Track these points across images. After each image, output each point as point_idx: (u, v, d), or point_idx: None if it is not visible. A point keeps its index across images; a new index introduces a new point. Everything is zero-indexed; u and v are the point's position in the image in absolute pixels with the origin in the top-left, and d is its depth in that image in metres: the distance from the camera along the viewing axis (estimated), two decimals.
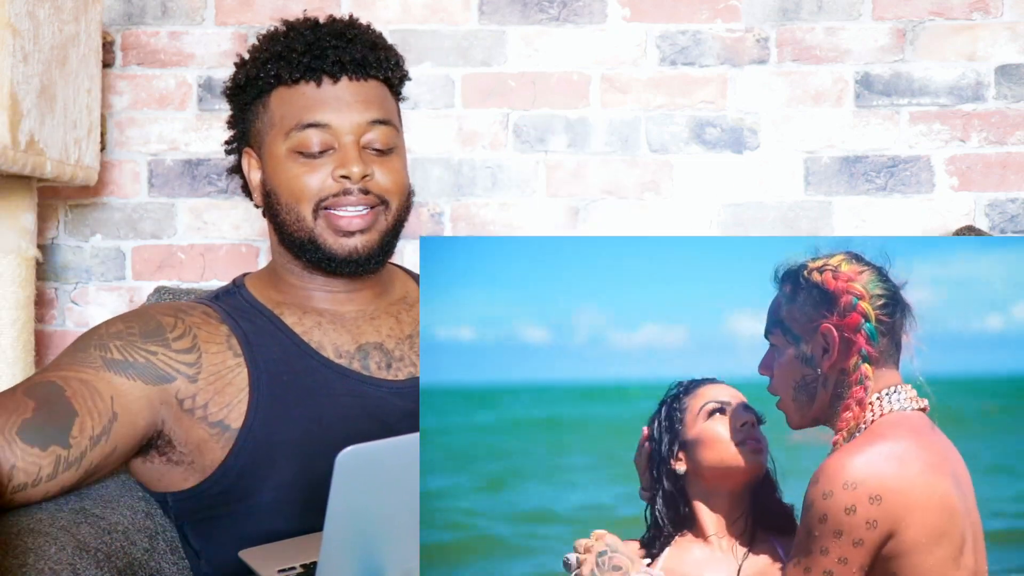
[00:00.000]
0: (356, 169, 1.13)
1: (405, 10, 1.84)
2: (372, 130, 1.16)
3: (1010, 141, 1.84)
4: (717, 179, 1.84)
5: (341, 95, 1.15)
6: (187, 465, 1.11)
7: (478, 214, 1.85)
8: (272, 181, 1.18)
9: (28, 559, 0.88)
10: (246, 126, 1.22)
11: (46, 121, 1.41)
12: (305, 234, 1.15)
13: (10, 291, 1.47)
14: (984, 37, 1.84)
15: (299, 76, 1.15)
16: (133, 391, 1.05)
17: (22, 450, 0.95)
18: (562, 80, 1.84)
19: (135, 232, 1.84)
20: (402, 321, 1.23)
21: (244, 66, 1.20)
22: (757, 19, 1.84)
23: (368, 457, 0.72)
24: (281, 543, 1.02)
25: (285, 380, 1.12)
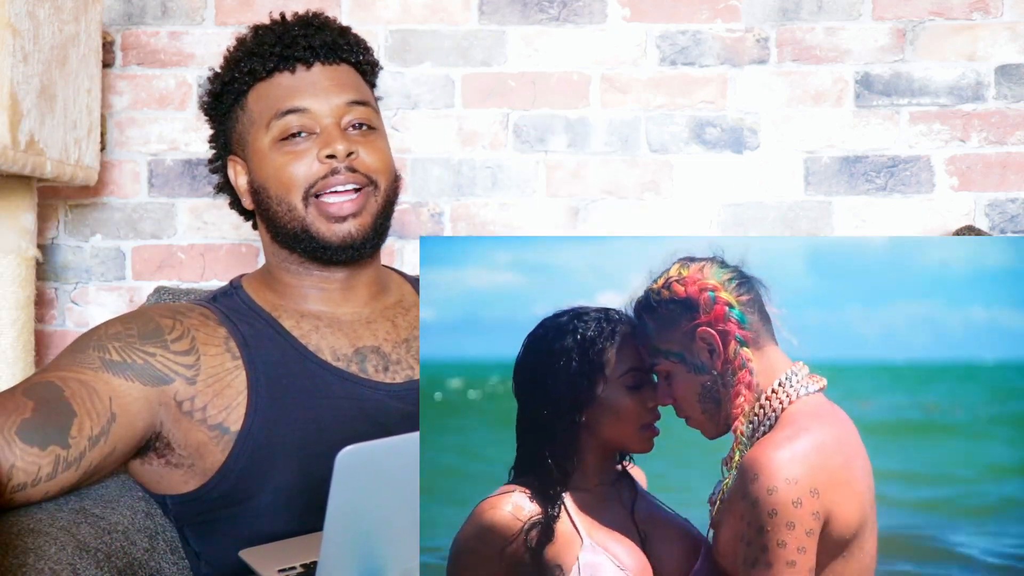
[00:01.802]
0: (340, 147, 1.14)
1: (405, 10, 1.84)
2: (351, 111, 1.17)
3: (1010, 141, 1.84)
4: (717, 179, 1.84)
5: (316, 80, 1.17)
6: (187, 468, 1.11)
7: (478, 214, 1.85)
8: (259, 176, 1.18)
9: (28, 559, 0.88)
10: (227, 135, 1.23)
11: (46, 121, 1.41)
12: (298, 223, 1.16)
13: (10, 291, 1.47)
14: (984, 37, 1.84)
15: (272, 67, 1.17)
16: (131, 392, 1.05)
17: (21, 450, 0.95)
18: (562, 80, 1.84)
19: (135, 232, 1.84)
20: (398, 325, 1.23)
21: (218, 76, 1.22)
22: (757, 19, 1.84)
23: (368, 456, 0.72)
24: (281, 543, 1.02)
25: (284, 383, 1.12)
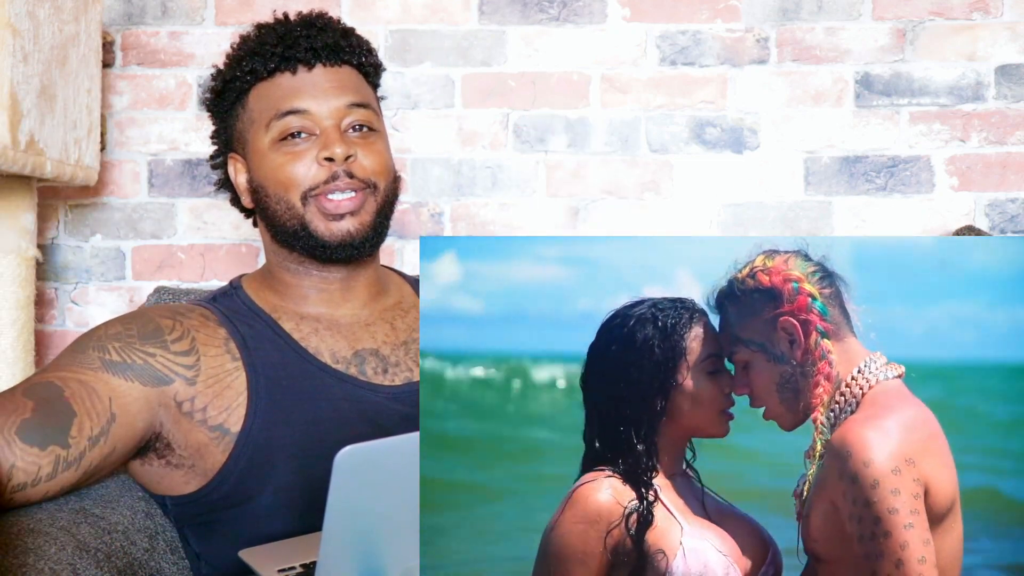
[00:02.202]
0: (339, 150, 1.13)
1: (405, 10, 1.84)
2: (351, 113, 1.17)
3: (1010, 141, 1.84)
4: (717, 179, 1.84)
5: (317, 81, 1.17)
6: (187, 469, 1.11)
7: (478, 214, 1.85)
8: (259, 175, 1.18)
9: (28, 559, 0.88)
10: (228, 133, 1.23)
11: (46, 121, 1.41)
12: (296, 221, 1.16)
13: (10, 291, 1.47)
14: (984, 37, 1.84)
15: (274, 67, 1.17)
16: (131, 392, 1.05)
17: (21, 450, 0.95)
18: (562, 80, 1.84)
19: (135, 232, 1.84)
20: (397, 328, 1.23)
21: (220, 74, 1.22)
22: (757, 19, 1.84)
23: (367, 456, 0.72)
24: (281, 543, 1.02)
25: (283, 384, 1.12)
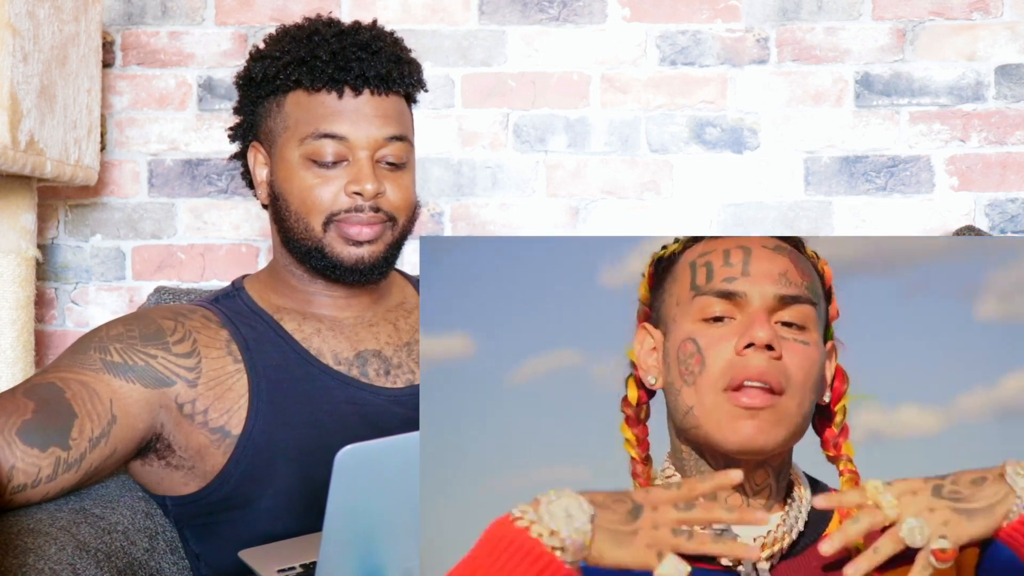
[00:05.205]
0: (370, 187, 1.12)
1: (405, 10, 1.84)
2: (388, 146, 1.15)
3: (1010, 141, 1.84)
4: (717, 179, 1.84)
5: (361, 108, 1.14)
6: (187, 470, 1.11)
7: (478, 214, 1.85)
8: (282, 186, 1.16)
9: (28, 559, 0.88)
10: (256, 119, 1.20)
11: (46, 121, 1.41)
12: (313, 243, 1.15)
13: (10, 291, 1.47)
14: (984, 37, 1.84)
15: (321, 85, 1.13)
16: (132, 394, 1.05)
17: (22, 451, 0.95)
18: (562, 80, 1.84)
19: (135, 232, 1.84)
20: (400, 328, 1.23)
21: (261, 60, 1.17)
22: (757, 19, 1.84)
23: (367, 456, 0.72)
24: (281, 543, 1.02)
25: (285, 386, 1.12)
